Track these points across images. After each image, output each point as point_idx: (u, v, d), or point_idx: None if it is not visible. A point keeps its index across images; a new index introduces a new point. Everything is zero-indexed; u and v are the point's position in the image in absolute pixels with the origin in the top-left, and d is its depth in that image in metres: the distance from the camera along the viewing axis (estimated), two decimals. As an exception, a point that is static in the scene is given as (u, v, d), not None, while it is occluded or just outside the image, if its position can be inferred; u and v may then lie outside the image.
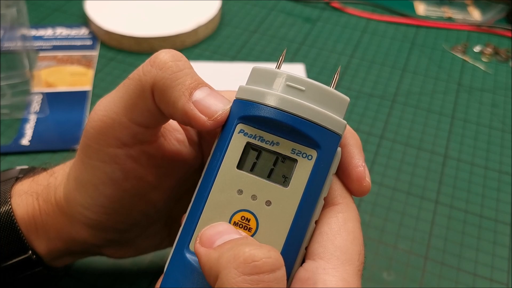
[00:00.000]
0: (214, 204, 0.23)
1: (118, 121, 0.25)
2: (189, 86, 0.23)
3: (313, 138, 0.22)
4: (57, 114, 0.49)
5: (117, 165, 0.26)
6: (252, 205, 0.23)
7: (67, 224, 0.28)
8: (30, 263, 0.29)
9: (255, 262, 0.19)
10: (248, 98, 0.23)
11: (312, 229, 0.23)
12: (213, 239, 0.21)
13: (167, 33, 0.57)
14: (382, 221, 0.41)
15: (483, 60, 0.60)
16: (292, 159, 0.23)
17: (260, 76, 0.24)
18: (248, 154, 0.23)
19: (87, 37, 0.59)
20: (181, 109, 0.23)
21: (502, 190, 0.45)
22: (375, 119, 0.51)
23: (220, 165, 0.23)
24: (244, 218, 0.23)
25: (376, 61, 0.59)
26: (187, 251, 0.22)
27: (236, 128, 0.23)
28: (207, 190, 0.23)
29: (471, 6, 0.70)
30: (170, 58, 0.24)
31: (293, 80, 0.23)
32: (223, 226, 0.22)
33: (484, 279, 0.37)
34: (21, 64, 0.51)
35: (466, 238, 0.40)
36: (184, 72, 0.24)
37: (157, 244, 0.32)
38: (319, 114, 0.23)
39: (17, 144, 0.45)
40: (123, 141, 0.25)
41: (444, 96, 0.54)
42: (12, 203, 0.28)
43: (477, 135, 0.50)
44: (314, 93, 0.23)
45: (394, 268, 0.38)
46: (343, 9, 0.67)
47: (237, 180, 0.23)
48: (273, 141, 0.23)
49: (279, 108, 0.22)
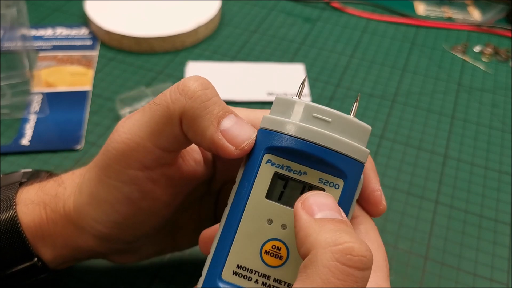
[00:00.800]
0: (245, 234, 0.23)
1: (143, 145, 0.25)
2: (217, 115, 0.24)
3: (340, 168, 0.23)
4: (57, 114, 0.49)
5: (136, 186, 0.26)
6: (282, 234, 0.23)
7: (75, 233, 0.28)
8: (35, 270, 0.29)
9: (351, 256, 0.19)
10: (274, 128, 0.24)
11: None
12: (315, 209, 0.21)
13: (167, 33, 0.57)
14: (382, 221, 0.41)
15: (483, 60, 0.60)
16: (320, 188, 0.23)
17: (284, 106, 0.24)
18: (276, 184, 0.24)
19: (87, 37, 0.60)
20: (209, 138, 0.24)
21: (502, 190, 0.45)
22: (375, 119, 0.51)
23: (249, 195, 0.23)
24: (275, 247, 0.23)
25: (376, 61, 0.59)
26: (219, 281, 0.23)
27: (263, 158, 0.24)
28: (237, 219, 0.23)
29: (471, 6, 0.70)
30: (199, 87, 0.24)
31: (318, 111, 0.24)
32: (328, 199, 0.22)
33: (484, 279, 0.37)
34: (21, 64, 0.51)
35: (466, 238, 0.40)
36: (212, 101, 0.24)
37: (160, 251, 0.33)
38: (345, 145, 0.23)
39: (17, 144, 0.45)
40: (145, 165, 0.25)
41: (444, 96, 0.54)
42: (18, 211, 0.28)
43: (477, 135, 0.50)
44: (339, 124, 0.24)
45: (394, 268, 0.38)
46: (343, 9, 0.67)
47: (267, 210, 0.23)
48: (301, 171, 0.23)
49: (306, 139, 0.23)
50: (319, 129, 0.23)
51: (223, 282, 0.23)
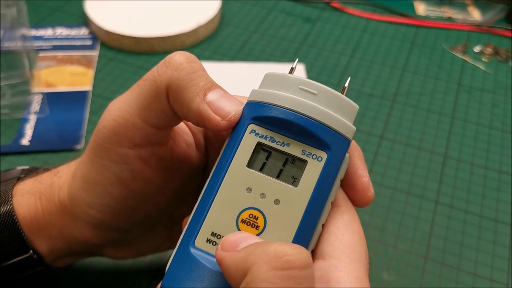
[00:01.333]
0: (222, 201, 0.23)
1: (132, 121, 0.25)
2: (203, 87, 0.24)
3: (323, 140, 0.23)
4: (57, 114, 0.49)
5: (126, 166, 0.26)
6: (260, 204, 0.23)
7: (70, 223, 0.28)
8: (31, 263, 0.29)
9: (288, 257, 0.18)
10: (260, 100, 0.24)
11: (318, 233, 0.23)
12: (237, 243, 0.20)
13: (167, 33, 0.57)
14: (382, 221, 0.41)
15: (483, 60, 0.60)
16: (302, 160, 0.23)
17: (273, 81, 0.24)
18: (259, 154, 0.23)
19: (87, 37, 0.60)
20: (195, 109, 0.24)
21: (502, 190, 0.45)
22: (375, 119, 0.51)
23: (230, 163, 0.23)
24: (252, 216, 0.23)
25: (376, 61, 0.59)
26: (192, 247, 0.22)
27: (247, 128, 0.24)
28: (215, 187, 0.23)
29: (471, 6, 0.70)
30: (184, 60, 0.24)
31: (305, 84, 0.24)
32: (245, 233, 0.21)
33: (484, 279, 0.37)
34: (21, 64, 0.51)
35: (466, 238, 0.40)
36: (198, 73, 0.24)
37: (157, 246, 0.33)
38: (331, 117, 0.23)
39: (17, 144, 0.45)
40: (135, 142, 0.25)
41: (444, 96, 0.54)
42: (14, 203, 0.28)
43: (477, 135, 0.50)
44: (326, 98, 0.24)
45: (394, 268, 0.38)
46: (343, 9, 0.67)
47: (247, 178, 0.23)
48: (284, 142, 0.23)
49: (291, 109, 0.23)
50: (305, 99, 0.23)
51: (196, 248, 0.22)
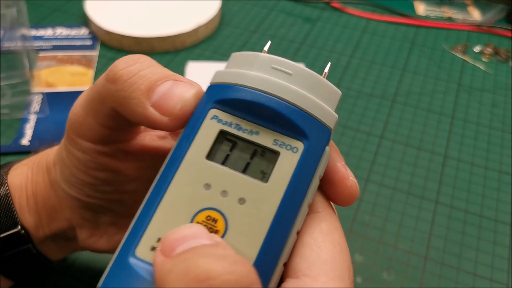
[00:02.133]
0: (172, 201, 0.18)
1: (86, 123, 0.24)
2: (145, 89, 0.21)
3: (300, 127, 0.19)
4: (57, 114, 0.49)
5: (89, 157, 0.25)
6: (221, 203, 0.18)
7: (51, 193, 0.28)
8: (18, 238, 0.28)
9: (211, 281, 0.14)
10: (224, 81, 0.20)
11: (293, 241, 0.19)
12: (175, 245, 0.16)
13: (167, 33, 0.57)
14: (382, 221, 0.41)
15: (483, 60, 0.60)
16: (274, 152, 0.19)
17: (241, 60, 0.21)
18: (221, 144, 0.19)
19: (87, 37, 0.60)
20: (142, 117, 0.21)
21: (502, 190, 0.45)
22: (375, 119, 0.51)
23: (184, 155, 0.19)
24: (210, 218, 0.18)
25: (376, 61, 0.59)
26: (132, 257, 0.18)
27: (208, 113, 0.20)
28: (165, 184, 0.19)
29: (471, 6, 0.70)
30: (122, 65, 0.22)
31: (279, 62, 0.20)
32: (192, 228, 0.17)
33: (484, 279, 0.37)
34: (21, 64, 0.51)
35: (466, 238, 0.40)
36: (138, 75, 0.21)
37: None
38: (308, 100, 0.20)
39: (17, 144, 0.45)
40: (95, 139, 0.24)
41: (444, 96, 0.54)
42: (9, 179, 0.28)
43: (477, 135, 0.50)
44: (303, 79, 0.20)
45: (394, 268, 0.38)
46: (343, 9, 0.67)
47: (205, 173, 0.19)
48: (252, 130, 0.19)
49: (261, 89, 0.19)
50: (277, 79, 0.20)
51: (136, 259, 0.18)
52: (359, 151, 0.47)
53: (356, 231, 0.40)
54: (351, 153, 0.47)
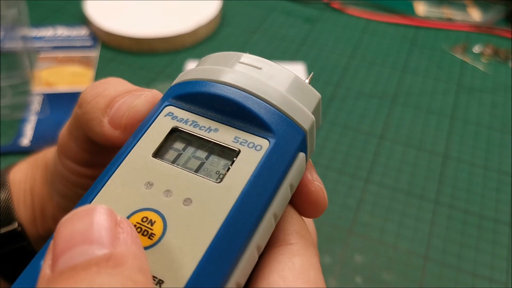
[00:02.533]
0: (107, 199, 0.16)
1: (70, 146, 0.24)
2: (104, 107, 0.20)
3: (265, 121, 0.16)
4: (58, 115, 0.49)
5: (73, 176, 0.25)
6: (161, 204, 0.16)
7: (46, 192, 0.28)
8: (14, 235, 0.28)
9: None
10: (183, 79, 0.18)
11: (250, 262, 0.15)
12: (59, 250, 0.13)
13: (167, 33, 0.57)
14: (382, 221, 0.41)
15: (482, 60, 0.60)
16: (234, 150, 0.16)
17: (210, 59, 0.19)
18: (173, 143, 0.17)
19: (87, 38, 0.60)
20: (101, 136, 0.20)
21: (501, 190, 0.45)
22: (374, 119, 0.51)
23: (129, 152, 0.17)
24: (147, 220, 0.15)
25: (375, 61, 0.59)
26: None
27: (163, 111, 0.18)
28: (103, 180, 0.16)
29: (471, 7, 0.70)
30: (88, 89, 0.21)
31: (249, 58, 0.18)
32: (87, 219, 0.13)
33: (484, 279, 0.38)
34: (21, 64, 0.51)
35: (466, 238, 0.40)
36: (101, 95, 0.20)
37: None
38: (278, 94, 0.17)
39: (18, 144, 0.46)
40: (78, 162, 0.24)
41: (444, 97, 0.55)
42: (10, 175, 0.28)
43: (476, 135, 0.50)
44: (275, 74, 0.18)
45: (394, 268, 0.38)
46: (343, 9, 0.67)
47: (149, 171, 0.16)
48: (210, 127, 0.17)
49: (222, 81, 0.17)
50: (241, 70, 0.18)
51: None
52: (359, 151, 0.47)
53: (356, 231, 0.40)
54: (351, 153, 0.47)
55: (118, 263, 0.12)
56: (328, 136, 0.48)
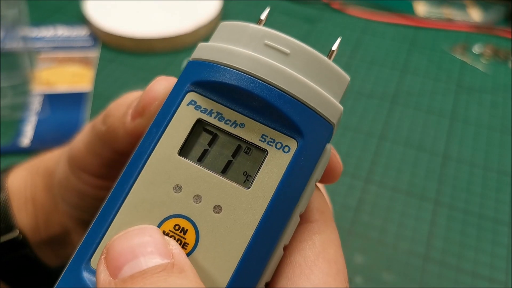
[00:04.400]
0: (135, 204, 0.16)
1: (88, 160, 0.24)
2: (125, 110, 0.21)
3: (294, 121, 0.16)
4: (58, 115, 0.49)
5: (90, 188, 0.25)
6: (192, 210, 0.15)
7: (49, 197, 0.28)
8: (16, 243, 0.28)
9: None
10: (206, 57, 0.17)
11: (278, 258, 0.16)
12: (121, 262, 0.14)
13: (167, 33, 0.57)
14: (382, 221, 0.41)
15: (482, 61, 0.60)
16: (261, 150, 0.16)
17: (228, 32, 0.18)
18: (199, 137, 0.16)
19: (87, 38, 0.60)
20: (126, 136, 0.20)
21: (501, 190, 0.45)
22: (374, 119, 0.51)
23: (154, 147, 0.16)
24: (179, 228, 0.15)
25: (375, 61, 0.59)
26: (85, 270, 0.15)
27: (185, 97, 0.16)
28: (129, 181, 0.16)
29: (471, 7, 0.70)
30: (110, 107, 0.22)
31: (274, 38, 0.17)
32: (142, 236, 0.14)
33: (484, 279, 0.38)
34: (21, 64, 0.51)
35: (466, 238, 0.40)
36: (122, 104, 0.21)
37: None
38: (308, 89, 0.16)
39: (18, 145, 0.46)
40: (96, 175, 0.25)
41: (443, 97, 0.55)
42: (8, 183, 0.28)
43: (476, 135, 0.50)
44: (303, 60, 0.17)
45: (394, 268, 0.38)
46: (343, 9, 0.67)
47: (176, 172, 0.16)
48: (236, 122, 0.16)
49: (250, 72, 0.16)
50: (271, 60, 0.16)
51: (90, 272, 0.15)
52: (359, 152, 0.47)
53: (356, 231, 0.40)
54: (350, 154, 0.47)
55: (181, 269, 0.14)
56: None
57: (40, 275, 0.31)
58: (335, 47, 0.18)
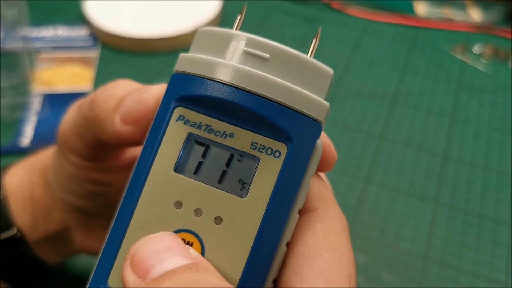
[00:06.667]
0: (142, 223, 0.17)
1: (74, 142, 0.24)
2: (114, 107, 0.21)
3: (281, 127, 0.16)
4: (58, 115, 0.49)
5: (79, 170, 0.25)
6: (195, 223, 0.16)
7: (47, 194, 0.28)
8: (14, 241, 0.28)
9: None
10: (189, 71, 0.17)
11: (282, 255, 0.17)
12: (148, 264, 0.15)
13: (167, 33, 0.57)
14: (382, 222, 0.41)
15: (482, 61, 0.60)
16: (253, 157, 0.17)
17: (209, 41, 0.18)
18: (191, 151, 0.17)
19: (87, 38, 0.60)
20: (113, 135, 0.20)
21: (501, 190, 0.45)
22: (374, 120, 0.51)
23: (150, 167, 0.17)
24: (185, 242, 0.16)
25: (375, 62, 0.59)
26: (104, 287, 0.16)
27: (173, 113, 0.17)
28: (132, 202, 0.17)
29: (471, 7, 0.70)
30: (99, 92, 0.22)
31: (253, 44, 0.18)
32: (164, 242, 0.16)
33: (484, 279, 0.38)
34: (21, 64, 0.51)
35: (466, 238, 0.40)
36: (112, 96, 0.21)
37: None
38: (292, 93, 0.16)
39: (17, 145, 0.46)
40: (83, 156, 0.25)
41: (443, 97, 0.55)
42: (6, 181, 0.28)
43: (476, 136, 0.50)
44: (283, 63, 0.17)
45: (394, 268, 0.38)
46: (343, 9, 0.67)
47: (174, 189, 0.17)
48: (226, 132, 0.17)
49: (232, 84, 0.16)
50: (251, 68, 0.17)
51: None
52: (359, 152, 0.47)
53: (356, 231, 0.40)
54: (350, 154, 0.47)
55: (206, 268, 0.15)
56: (328, 136, 0.48)
57: (39, 273, 0.31)
58: (317, 38, 0.19)
